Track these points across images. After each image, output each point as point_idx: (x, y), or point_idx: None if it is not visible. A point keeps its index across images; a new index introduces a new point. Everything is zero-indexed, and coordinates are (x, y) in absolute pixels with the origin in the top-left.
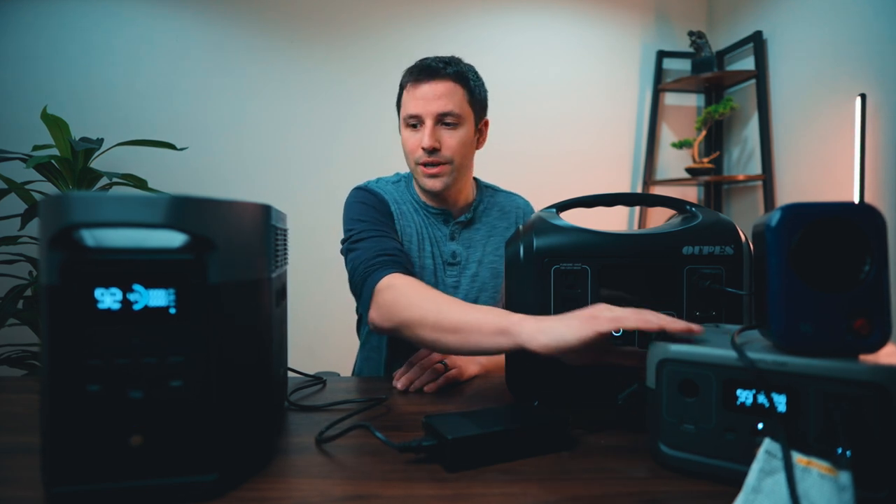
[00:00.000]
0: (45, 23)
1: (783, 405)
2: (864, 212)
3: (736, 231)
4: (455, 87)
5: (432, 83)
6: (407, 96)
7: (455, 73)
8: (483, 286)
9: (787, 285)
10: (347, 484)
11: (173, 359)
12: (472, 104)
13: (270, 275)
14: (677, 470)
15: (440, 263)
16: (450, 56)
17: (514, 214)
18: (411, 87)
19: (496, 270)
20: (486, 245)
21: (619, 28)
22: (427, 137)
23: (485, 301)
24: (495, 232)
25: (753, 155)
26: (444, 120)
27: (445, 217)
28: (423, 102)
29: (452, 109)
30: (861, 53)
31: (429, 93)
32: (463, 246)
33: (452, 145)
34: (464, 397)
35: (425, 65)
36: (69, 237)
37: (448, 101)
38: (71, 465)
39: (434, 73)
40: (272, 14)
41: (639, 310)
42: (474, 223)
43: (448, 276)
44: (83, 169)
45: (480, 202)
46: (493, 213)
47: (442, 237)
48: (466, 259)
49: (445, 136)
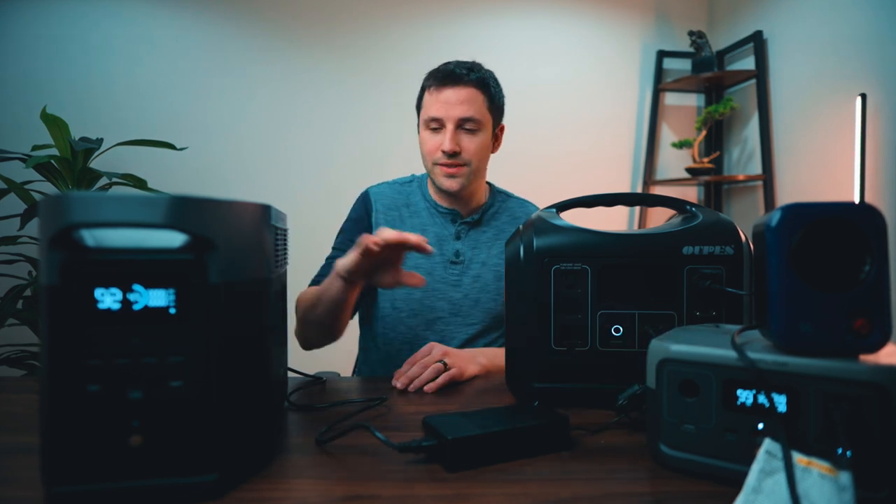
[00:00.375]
0: (45, 22)
1: (783, 405)
2: (864, 212)
3: (736, 231)
4: (477, 93)
5: (455, 88)
6: (430, 99)
7: (477, 79)
8: (485, 287)
9: (788, 285)
10: (347, 484)
11: (173, 359)
12: (492, 110)
13: (271, 275)
14: (678, 470)
15: (442, 261)
16: (472, 61)
17: (525, 220)
18: (435, 90)
19: (499, 273)
20: (492, 248)
21: (619, 28)
22: (448, 141)
23: (486, 302)
24: (503, 236)
25: (754, 155)
26: (465, 125)
27: (453, 217)
28: (446, 107)
29: (473, 115)
30: (861, 53)
31: (452, 98)
32: (468, 246)
33: (471, 149)
34: (464, 397)
35: (449, 70)
36: (69, 237)
37: (469, 106)
38: (70, 465)
39: (458, 79)
40: (272, 14)
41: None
42: (482, 225)
43: (450, 275)
44: (83, 169)
45: (492, 205)
46: (502, 218)
47: (448, 236)
48: (470, 259)
49: (465, 140)
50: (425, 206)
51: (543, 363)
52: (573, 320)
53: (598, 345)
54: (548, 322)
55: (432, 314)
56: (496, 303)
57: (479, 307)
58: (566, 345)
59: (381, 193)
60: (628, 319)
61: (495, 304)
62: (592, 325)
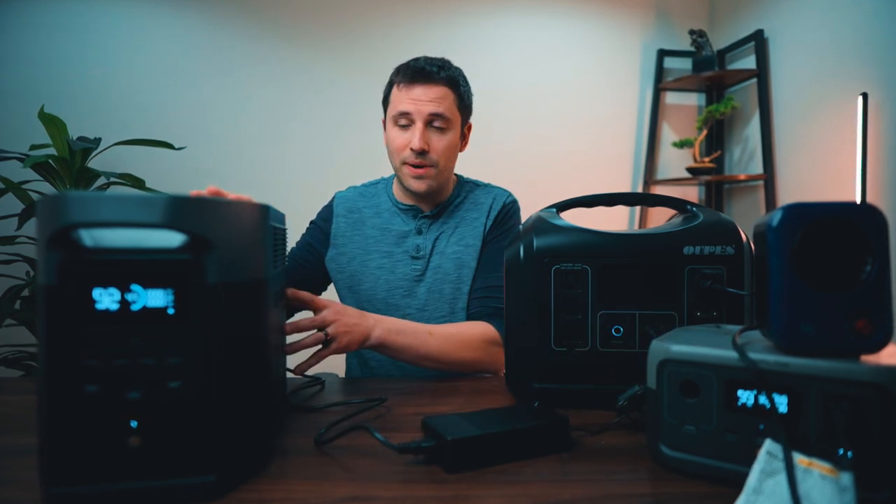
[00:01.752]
0: (42, 21)
1: (784, 406)
2: (865, 212)
3: (737, 231)
4: (447, 91)
5: (426, 86)
6: (399, 95)
7: (448, 77)
8: (445, 277)
9: (789, 285)
10: (346, 485)
11: (172, 359)
12: (461, 109)
13: (269, 275)
14: (678, 471)
15: (405, 258)
16: (441, 58)
17: (488, 205)
18: (404, 87)
19: (460, 261)
20: (451, 237)
21: (620, 26)
22: (417, 139)
23: (448, 292)
24: (463, 223)
25: (755, 154)
26: (434, 123)
27: (414, 213)
28: (417, 103)
29: (443, 113)
30: (863, 52)
31: (422, 95)
32: (429, 240)
33: (440, 149)
34: (463, 398)
35: (419, 67)
36: (67, 237)
37: (440, 104)
38: (68, 466)
39: (428, 76)
40: (271, 13)
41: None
42: (442, 216)
43: (412, 271)
44: (80, 168)
45: (457, 197)
46: (465, 206)
47: (410, 232)
48: (430, 252)
49: (434, 139)
50: (388, 205)
51: (543, 364)
52: (573, 321)
53: (599, 345)
54: (548, 322)
55: (398, 312)
56: (458, 291)
57: (443, 299)
58: (566, 345)
59: (345, 198)
60: (629, 320)
61: (457, 293)
62: (593, 325)
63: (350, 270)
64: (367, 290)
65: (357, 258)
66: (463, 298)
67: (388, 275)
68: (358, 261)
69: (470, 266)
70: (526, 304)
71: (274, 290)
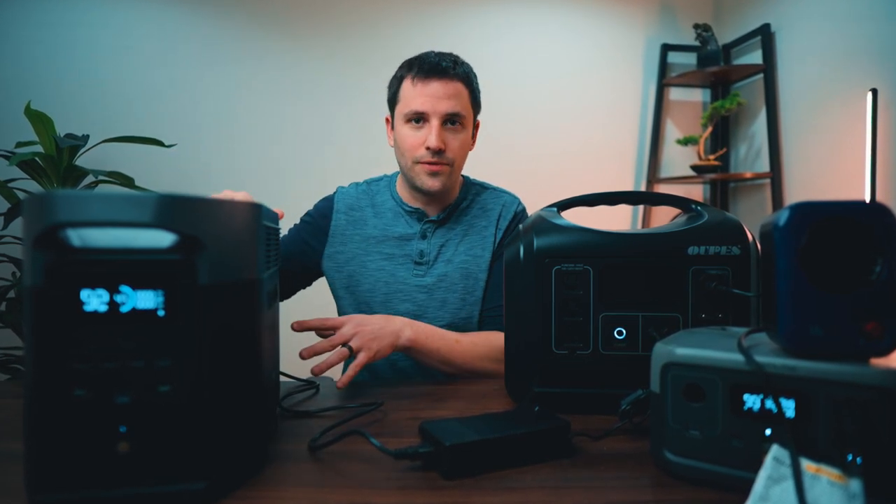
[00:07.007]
0: (29, 16)
1: (792, 410)
2: (874, 211)
3: (743, 230)
4: (462, 87)
5: (442, 82)
6: (411, 91)
7: (462, 73)
8: (451, 286)
9: (796, 286)
10: (341, 492)
11: (162, 362)
12: (473, 106)
13: (262, 275)
14: (682, 477)
15: (406, 262)
16: (451, 54)
17: (497, 212)
18: (418, 82)
19: (467, 271)
20: (460, 244)
21: (622, 21)
22: (435, 138)
23: (453, 301)
24: (472, 231)
25: (761, 152)
26: (451, 121)
27: (419, 215)
28: (433, 101)
29: (460, 111)
30: (872, 47)
31: (439, 91)
32: (434, 245)
33: (455, 147)
34: (462, 402)
35: (434, 62)
36: (54, 237)
37: (457, 102)
38: (55, 473)
39: (444, 71)
40: (263, 8)
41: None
42: (449, 222)
43: (414, 276)
44: (68, 166)
45: (463, 200)
46: (472, 212)
47: (413, 235)
48: (435, 258)
49: (449, 137)
50: (392, 205)
51: (544, 367)
52: (574, 322)
53: (601, 348)
54: (548, 324)
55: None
56: (464, 302)
57: (445, 308)
58: (567, 348)
59: (347, 194)
60: (631, 322)
61: (463, 304)
62: (594, 327)
63: (349, 270)
64: (365, 292)
65: (356, 258)
66: (467, 309)
67: (389, 277)
68: (357, 261)
69: (477, 277)
70: (526, 305)
71: (267, 291)
